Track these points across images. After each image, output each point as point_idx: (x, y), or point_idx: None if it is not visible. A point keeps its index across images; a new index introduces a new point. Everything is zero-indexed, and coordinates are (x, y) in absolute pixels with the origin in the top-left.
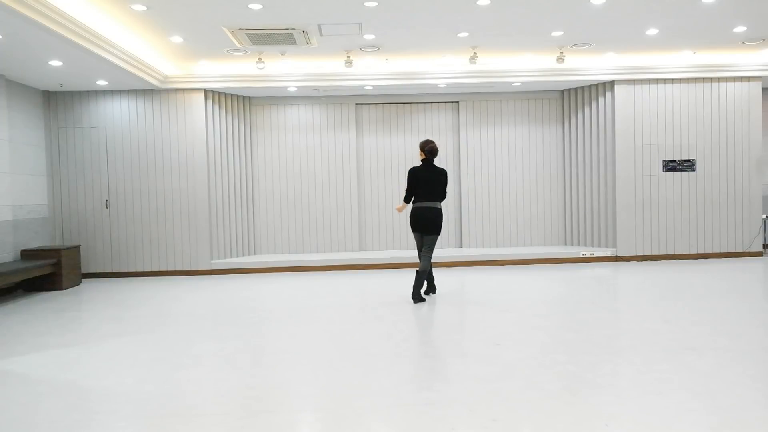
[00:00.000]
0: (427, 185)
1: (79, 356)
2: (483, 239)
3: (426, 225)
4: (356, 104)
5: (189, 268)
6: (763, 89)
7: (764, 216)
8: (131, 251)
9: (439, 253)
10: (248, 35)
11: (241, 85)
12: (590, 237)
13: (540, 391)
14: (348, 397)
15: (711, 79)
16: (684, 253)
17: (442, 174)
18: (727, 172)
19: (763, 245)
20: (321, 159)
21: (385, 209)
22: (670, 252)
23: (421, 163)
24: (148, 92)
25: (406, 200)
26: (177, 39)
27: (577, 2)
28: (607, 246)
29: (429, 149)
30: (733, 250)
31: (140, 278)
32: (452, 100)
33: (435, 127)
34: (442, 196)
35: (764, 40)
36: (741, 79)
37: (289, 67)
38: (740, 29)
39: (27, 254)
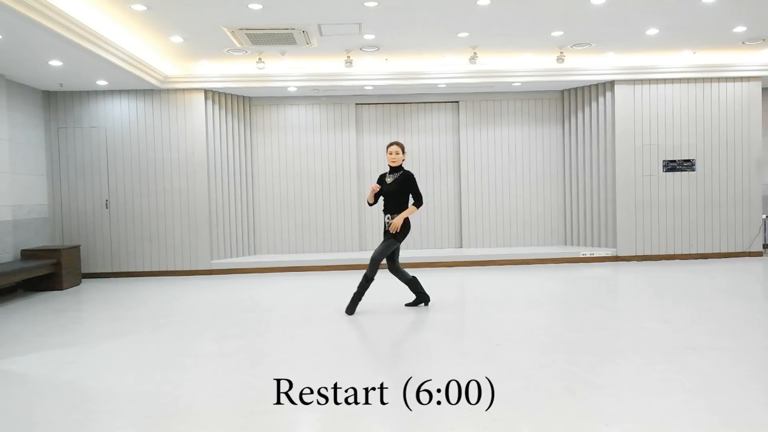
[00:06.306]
0: None
1: (79, 356)
2: (483, 239)
3: None
4: (356, 104)
5: (189, 268)
6: (763, 89)
7: (764, 216)
8: (131, 251)
9: (439, 253)
10: (248, 35)
11: (241, 85)
12: (590, 237)
13: (540, 391)
14: (348, 396)
15: (711, 79)
16: (684, 253)
17: None
18: (727, 172)
19: (763, 245)
20: (321, 159)
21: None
22: (670, 252)
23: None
24: (148, 92)
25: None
26: (177, 39)
27: (577, 2)
28: (607, 246)
29: None
30: (733, 250)
31: (140, 278)
32: (452, 100)
33: (435, 127)
34: None
35: (764, 40)
36: (741, 79)
37: (289, 67)
38: (740, 29)
39: (27, 254)
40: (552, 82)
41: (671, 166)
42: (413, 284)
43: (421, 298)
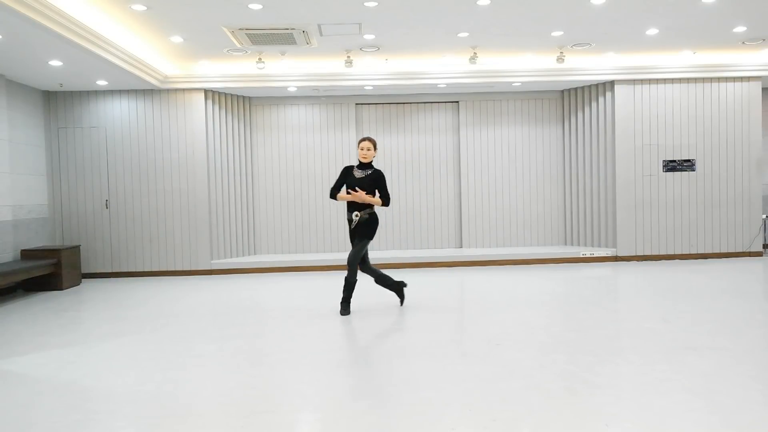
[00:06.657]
0: None
1: (79, 356)
2: (483, 239)
3: None
4: (356, 104)
5: (189, 268)
6: (763, 89)
7: (764, 216)
8: (131, 251)
9: (439, 253)
10: (248, 35)
11: (241, 85)
12: (590, 237)
13: (540, 391)
14: (348, 397)
15: (711, 79)
16: (684, 253)
17: None
18: (727, 172)
19: (763, 245)
20: (321, 159)
21: (384, 209)
22: (670, 252)
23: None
24: (148, 92)
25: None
26: (177, 39)
27: (577, 2)
28: (607, 246)
29: None
30: (733, 250)
31: (140, 278)
32: (452, 100)
33: (435, 127)
34: None
35: (764, 40)
36: (741, 79)
37: (289, 67)
38: (740, 29)
39: (27, 254)
40: (552, 82)
41: (671, 166)
42: (383, 279)
43: (398, 287)
